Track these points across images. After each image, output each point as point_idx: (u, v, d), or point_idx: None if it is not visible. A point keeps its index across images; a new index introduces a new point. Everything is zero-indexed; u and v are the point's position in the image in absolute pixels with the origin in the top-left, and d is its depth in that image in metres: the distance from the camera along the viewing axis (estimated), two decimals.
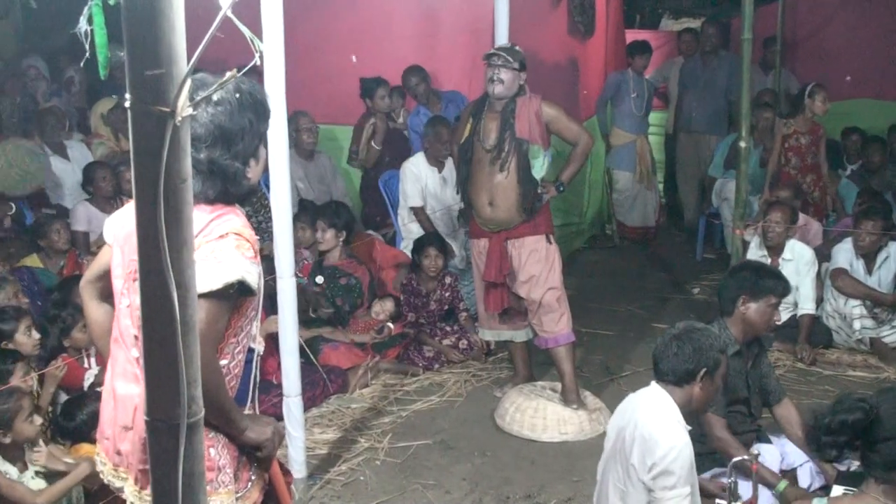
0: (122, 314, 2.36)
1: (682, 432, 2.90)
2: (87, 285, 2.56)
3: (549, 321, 4.78)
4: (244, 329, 2.34)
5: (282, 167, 3.78)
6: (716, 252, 7.91)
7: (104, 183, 5.80)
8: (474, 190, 4.78)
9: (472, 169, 4.77)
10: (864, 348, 5.68)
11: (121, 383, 2.36)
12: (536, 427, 4.65)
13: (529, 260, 4.76)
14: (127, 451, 2.33)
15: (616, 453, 3.02)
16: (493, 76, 4.60)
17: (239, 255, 2.17)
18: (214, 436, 2.28)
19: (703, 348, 2.96)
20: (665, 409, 2.95)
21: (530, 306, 4.83)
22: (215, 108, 2.22)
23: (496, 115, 4.67)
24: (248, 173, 2.33)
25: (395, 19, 7.19)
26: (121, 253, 2.37)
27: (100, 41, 1.85)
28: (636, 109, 8.05)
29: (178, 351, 1.36)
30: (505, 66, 4.58)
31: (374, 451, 4.51)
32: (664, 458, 2.82)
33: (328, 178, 6.67)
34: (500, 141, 4.63)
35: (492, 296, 4.91)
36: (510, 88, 4.61)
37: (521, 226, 4.74)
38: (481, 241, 4.88)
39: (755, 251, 5.86)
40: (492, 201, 4.71)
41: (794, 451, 3.80)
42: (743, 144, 5.21)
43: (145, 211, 1.31)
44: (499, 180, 4.67)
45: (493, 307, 4.94)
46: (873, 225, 5.65)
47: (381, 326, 5.62)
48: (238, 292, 2.20)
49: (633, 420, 2.96)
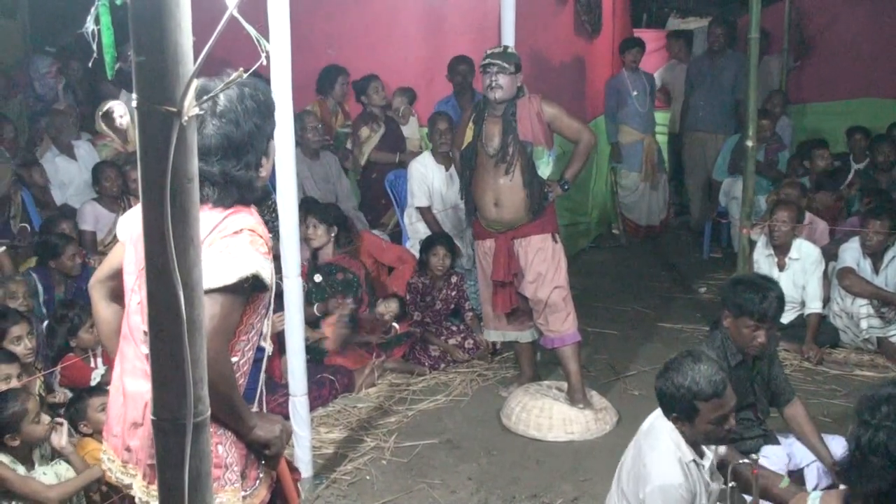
0: (133, 311, 2.36)
1: (677, 472, 2.77)
2: (98, 285, 2.57)
3: (555, 320, 4.77)
4: (255, 326, 2.35)
5: (288, 167, 3.79)
6: (723, 251, 7.90)
7: (110, 183, 5.81)
8: (479, 191, 4.78)
9: (476, 172, 4.78)
10: (872, 348, 5.67)
11: (130, 380, 2.37)
12: (542, 426, 4.65)
13: (536, 259, 4.76)
14: (136, 448, 2.34)
15: (619, 471, 2.99)
16: (491, 83, 4.61)
17: (253, 251, 2.19)
18: (222, 433, 2.28)
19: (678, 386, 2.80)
20: (667, 443, 2.84)
21: (536, 306, 4.82)
22: (220, 120, 2.24)
23: (497, 118, 4.68)
24: (262, 172, 2.37)
25: (400, 19, 7.19)
26: (134, 250, 2.38)
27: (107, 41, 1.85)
28: (640, 107, 8.07)
29: (184, 350, 1.36)
30: (502, 72, 4.59)
31: (380, 450, 4.51)
32: (651, 494, 2.76)
33: (333, 177, 6.66)
34: (504, 145, 4.64)
35: (500, 296, 4.90)
36: (509, 92, 4.62)
37: (527, 225, 4.74)
38: (486, 241, 4.88)
39: (762, 250, 5.85)
40: (497, 202, 4.71)
41: (802, 451, 3.79)
42: (750, 143, 5.20)
43: (152, 210, 1.31)
44: (504, 182, 4.68)
45: (501, 307, 4.94)
46: (880, 224, 5.64)
47: (388, 327, 5.62)
48: (251, 287, 2.21)
49: (638, 443, 2.91)
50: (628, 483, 2.87)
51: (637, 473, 2.82)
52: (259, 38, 1.54)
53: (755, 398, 3.75)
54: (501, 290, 4.88)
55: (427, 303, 5.75)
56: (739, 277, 3.90)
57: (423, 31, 7.18)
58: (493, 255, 4.83)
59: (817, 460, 3.74)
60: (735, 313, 3.54)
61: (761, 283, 3.61)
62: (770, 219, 5.81)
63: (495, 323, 5.09)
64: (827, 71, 8.50)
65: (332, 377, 5.05)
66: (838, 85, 8.44)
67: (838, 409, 4.90)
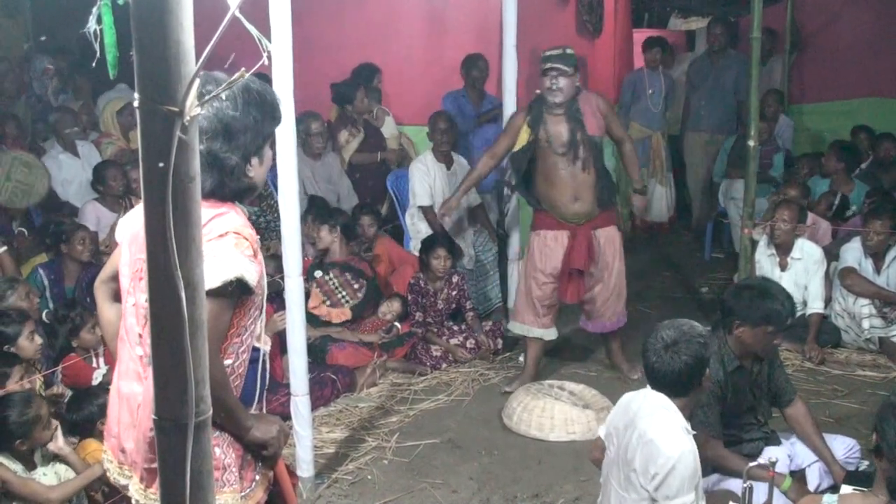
0: (128, 312, 2.37)
1: (686, 439, 2.84)
2: (101, 285, 2.57)
3: (618, 305, 5.20)
4: (248, 329, 2.34)
5: (290, 167, 3.78)
6: (724, 251, 7.89)
7: (114, 182, 5.81)
8: (555, 189, 4.97)
9: (543, 170, 4.96)
10: (873, 348, 5.66)
11: (125, 382, 2.37)
12: (544, 426, 4.65)
13: (607, 248, 5.06)
14: (131, 450, 2.35)
15: (619, 458, 2.98)
16: (551, 86, 4.82)
17: (238, 254, 2.17)
18: (219, 435, 2.29)
19: (693, 360, 2.88)
20: (668, 414, 2.90)
21: (601, 294, 5.12)
22: (221, 103, 2.22)
23: (560, 116, 4.87)
24: (250, 172, 2.32)
25: (402, 18, 7.19)
26: (128, 252, 2.38)
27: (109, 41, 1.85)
28: (653, 105, 8.10)
29: (185, 350, 1.36)
30: (562, 75, 4.80)
31: (381, 450, 4.51)
32: (665, 465, 2.78)
33: (335, 177, 6.66)
34: (574, 140, 4.85)
35: (571, 285, 5.10)
36: (568, 94, 4.84)
37: (601, 216, 5.04)
38: (550, 233, 5.03)
39: (764, 250, 5.84)
40: (577, 196, 4.94)
41: (804, 452, 3.78)
42: (751, 143, 5.20)
43: (153, 209, 1.31)
44: (582, 177, 4.92)
45: (571, 297, 5.15)
46: (881, 224, 5.63)
47: (389, 326, 5.63)
48: (238, 290, 2.20)
49: (636, 425, 2.92)
50: (633, 462, 2.87)
51: (646, 452, 2.83)
52: (261, 37, 1.54)
53: (755, 401, 3.74)
54: (573, 280, 5.07)
55: (429, 303, 5.75)
56: (747, 284, 3.81)
57: (424, 31, 7.17)
58: (563, 246, 4.99)
59: (819, 460, 3.73)
60: (755, 322, 3.49)
61: (775, 288, 3.61)
62: (771, 218, 5.81)
63: (531, 318, 5.17)
64: (828, 70, 8.49)
65: (333, 377, 5.05)
66: (840, 84, 8.43)
67: (840, 409, 4.90)
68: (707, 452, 3.39)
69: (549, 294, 5.12)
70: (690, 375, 2.90)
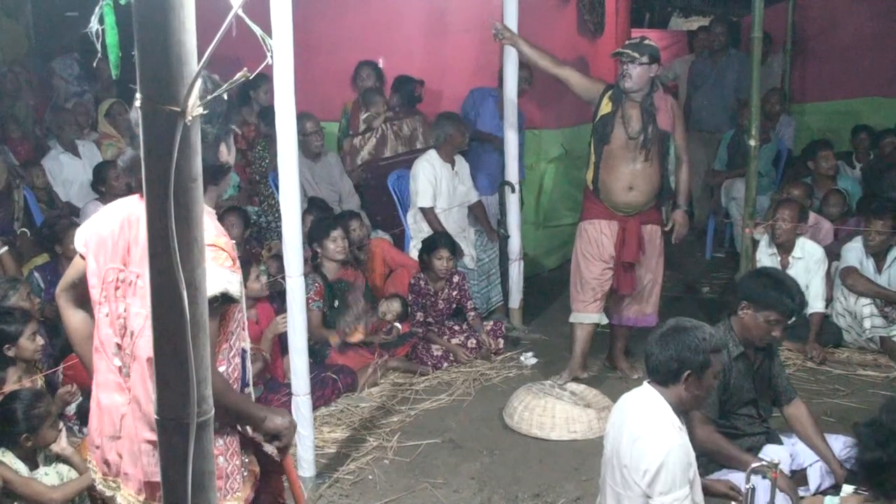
0: (102, 323, 2.33)
1: (673, 434, 2.84)
2: (62, 293, 2.54)
3: (654, 302, 5.23)
4: (235, 332, 2.36)
5: (291, 167, 3.77)
6: (725, 251, 7.89)
7: (117, 182, 5.81)
8: (612, 175, 4.96)
9: (609, 156, 4.94)
10: (875, 347, 5.66)
11: (104, 394, 2.35)
12: (545, 426, 4.65)
13: (652, 243, 5.09)
14: (115, 462, 2.33)
15: (613, 456, 2.99)
16: (623, 72, 4.84)
17: (217, 268, 2.15)
18: (223, 444, 2.30)
19: (687, 349, 2.89)
20: (657, 410, 2.90)
21: (643, 288, 5.17)
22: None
23: (636, 104, 4.88)
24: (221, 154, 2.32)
25: (403, 18, 7.18)
26: (95, 261, 2.34)
27: (111, 41, 1.85)
28: None
29: (188, 350, 1.37)
30: (632, 62, 4.79)
31: (382, 449, 4.51)
32: (654, 463, 2.78)
33: (336, 178, 6.63)
34: (645, 130, 4.86)
35: (627, 276, 5.11)
36: (639, 82, 4.83)
37: (651, 210, 5.07)
38: (602, 222, 5.03)
39: (765, 249, 5.84)
40: (633, 186, 4.94)
41: (805, 452, 3.78)
42: (752, 143, 5.19)
43: (155, 209, 1.31)
44: (642, 167, 4.92)
45: (626, 287, 5.14)
46: (882, 224, 5.63)
47: (390, 327, 5.61)
48: (222, 302, 2.20)
49: (625, 422, 2.93)
50: (624, 459, 2.87)
51: (635, 449, 2.84)
52: (264, 36, 1.54)
53: (756, 393, 3.75)
54: (629, 271, 5.09)
55: (429, 303, 5.75)
56: (766, 271, 3.99)
57: (425, 31, 7.17)
58: (614, 236, 5.00)
59: (820, 460, 3.73)
60: (759, 306, 3.59)
61: (791, 282, 3.71)
62: (773, 217, 5.81)
63: (592, 306, 5.13)
64: (828, 70, 8.49)
65: (334, 377, 5.05)
66: (841, 84, 8.43)
67: (841, 408, 4.89)
68: (697, 432, 3.43)
69: (608, 279, 5.09)
70: (681, 362, 2.89)
